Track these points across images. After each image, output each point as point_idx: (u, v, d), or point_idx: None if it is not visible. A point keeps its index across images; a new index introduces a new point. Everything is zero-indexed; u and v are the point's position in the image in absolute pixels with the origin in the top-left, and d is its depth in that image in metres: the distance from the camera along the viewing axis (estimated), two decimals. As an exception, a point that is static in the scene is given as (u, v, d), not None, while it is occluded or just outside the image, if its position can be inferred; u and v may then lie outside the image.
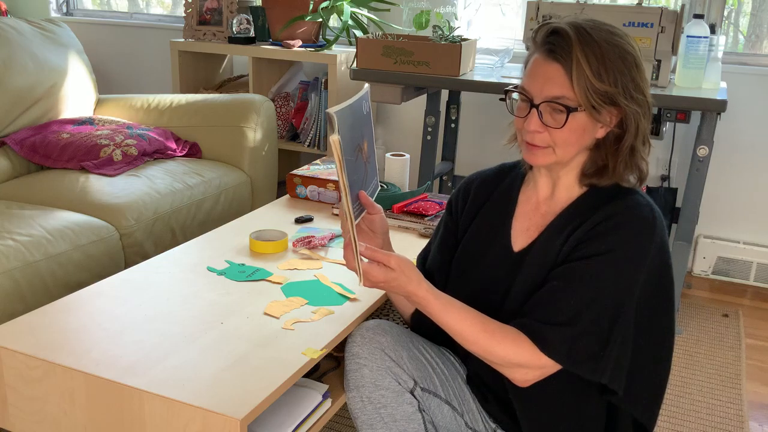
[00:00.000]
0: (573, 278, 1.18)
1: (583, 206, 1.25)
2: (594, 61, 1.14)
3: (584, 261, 1.18)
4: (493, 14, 3.15)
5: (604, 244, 1.17)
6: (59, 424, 1.30)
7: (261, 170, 2.77)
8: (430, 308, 1.22)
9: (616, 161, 1.22)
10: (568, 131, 1.18)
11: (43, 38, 2.75)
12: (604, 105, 1.16)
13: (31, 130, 2.60)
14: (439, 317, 1.22)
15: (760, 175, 2.81)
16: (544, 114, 1.18)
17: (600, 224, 1.20)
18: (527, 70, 1.22)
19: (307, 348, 1.33)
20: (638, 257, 1.17)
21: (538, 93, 1.18)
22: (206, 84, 3.40)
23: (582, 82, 1.14)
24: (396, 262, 1.19)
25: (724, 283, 2.91)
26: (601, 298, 1.16)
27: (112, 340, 1.33)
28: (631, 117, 1.19)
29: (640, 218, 1.19)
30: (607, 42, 1.16)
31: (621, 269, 1.16)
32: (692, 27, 2.46)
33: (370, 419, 1.27)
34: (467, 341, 1.21)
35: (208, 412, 1.14)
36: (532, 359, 1.17)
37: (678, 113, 2.46)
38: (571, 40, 1.14)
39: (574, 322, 1.16)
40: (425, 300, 1.22)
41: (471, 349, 1.22)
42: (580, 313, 1.16)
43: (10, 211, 2.09)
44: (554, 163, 1.23)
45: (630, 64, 1.17)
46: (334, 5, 2.95)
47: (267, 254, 1.75)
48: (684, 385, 2.21)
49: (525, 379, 1.20)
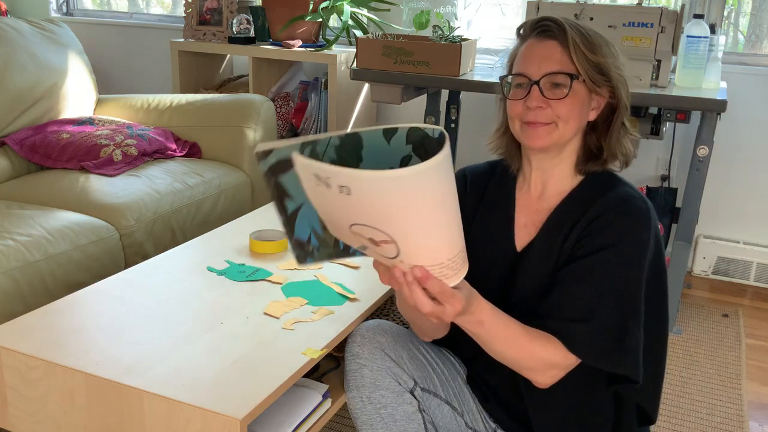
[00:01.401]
0: (584, 275, 1.19)
1: (578, 200, 1.26)
2: (585, 39, 1.22)
3: (591, 256, 1.19)
4: (493, 14, 3.15)
5: (607, 236, 1.19)
6: (59, 424, 1.30)
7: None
8: (483, 326, 1.13)
9: (609, 141, 1.26)
10: (570, 102, 1.20)
11: (43, 38, 2.75)
12: (598, 76, 1.21)
13: (31, 130, 2.60)
14: (487, 328, 1.13)
15: (760, 175, 2.81)
16: (545, 89, 1.21)
17: (599, 218, 1.21)
18: (520, 55, 1.25)
19: (307, 348, 1.33)
20: (641, 246, 1.19)
21: (536, 71, 1.21)
22: (206, 84, 3.40)
23: (579, 53, 1.20)
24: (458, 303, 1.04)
25: (724, 283, 2.91)
26: (614, 290, 1.17)
27: (112, 340, 1.33)
28: (621, 90, 1.24)
29: (636, 208, 1.21)
30: (590, 29, 1.25)
31: (628, 259, 1.18)
32: (692, 27, 2.46)
33: (370, 419, 1.27)
34: (508, 346, 1.14)
35: (208, 412, 1.14)
36: (564, 359, 1.16)
37: (678, 113, 2.46)
38: (562, 23, 1.21)
39: (593, 318, 1.16)
40: (479, 321, 1.12)
41: (509, 354, 1.15)
42: (597, 308, 1.16)
43: (10, 211, 2.08)
44: (555, 143, 1.23)
45: (612, 48, 1.25)
46: (334, 5, 2.94)
47: (267, 254, 1.75)
48: (684, 385, 2.21)
49: (553, 380, 1.18)
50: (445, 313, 1.02)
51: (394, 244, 0.91)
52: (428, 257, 0.94)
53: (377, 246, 0.93)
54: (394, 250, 0.93)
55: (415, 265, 0.96)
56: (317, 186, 0.85)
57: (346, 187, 0.82)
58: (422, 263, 0.95)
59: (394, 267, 0.98)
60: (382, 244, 0.92)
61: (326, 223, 0.96)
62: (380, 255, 0.96)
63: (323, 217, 0.95)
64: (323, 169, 0.81)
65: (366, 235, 0.91)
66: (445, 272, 0.97)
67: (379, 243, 0.92)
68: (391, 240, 0.90)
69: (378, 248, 0.94)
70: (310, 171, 0.84)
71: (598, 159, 1.27)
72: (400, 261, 0.95)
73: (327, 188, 0.84)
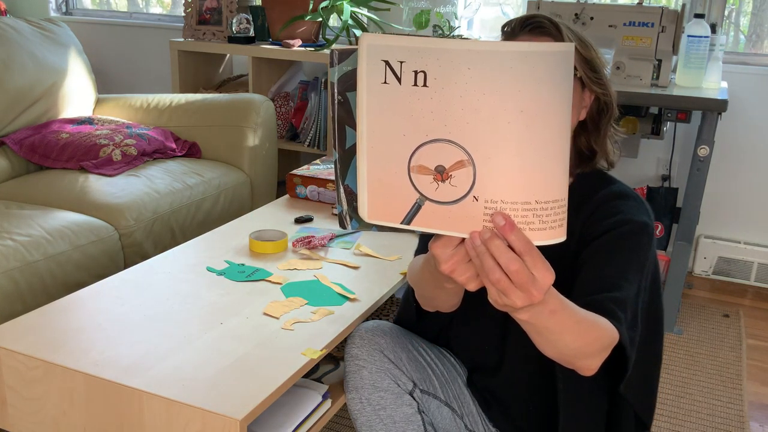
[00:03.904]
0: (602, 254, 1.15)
1: (576, 196, 1.25)
2: (575, 37, 1.20)
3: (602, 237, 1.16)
4: (493, 14, 3.14)
5: (611, 221, 1.17)
6: (58, 425, 1.29)
7: (261, 170, 2.76)
8: (555, 315, 0.90)
9: (598, 141, 1.24)
10: None
11: (43, 38, 2.74)
12: (590, 72, 1.20)
13: (31, 129, 2.59)
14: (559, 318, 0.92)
15: (761, 175, 2.80)
16: None
17: (598, 209, 1.19)
18: None
19: (307, 348, 1.32)
20: (646, 230, 1.17)
21: None
22: (206, 84, 3.40)
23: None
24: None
25: (724, 284, 2.91)
26: (630, 268, 1.14)
27: (111, 340, 1.33)
28: (610, 86, 1.22)
29: (633, 200, 1.21)
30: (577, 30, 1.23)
31: (637, 240, 1.16)
32: (693, 26, 2.46)
33: (370, 421, 1.27)
34: (577, 335, 0.96)
35: (208, 413, 1.13)
36: (613, 337, 1.03)
37: (678, 113, 2.46)
38: (554, 20, 1.19)
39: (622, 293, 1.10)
40: (551, 311, 0.89)
41: (575, 344, 0.97)
42: (621, 284, 1.11)
43: (10, 211, 2.08)
44: None
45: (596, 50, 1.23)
46: (334, 5, 2.94)
47: (267, 254, 1.75)
48: (684, 385, 2.21)
49: (600, 363, 1.03)
50: (535, 284, 0.79)
51: (470, 167, 0.71)
52: (514, 189, 0.72)
53: (447, 180, 0.73)
54: (469, 180, 0.72)
55: (496, 213, 0.73)
56: (382, 84, 0.69)
57: (423, 72, 0.66)
58: (503, 198, 0.73)
59: (469, 236, 0.77)
60: (454, 171, 0.72)
61: (378, 169, 0.75)
62: (444, 204, 0.75)
63: (375, 153, 0.74)
64: (400, 46, 0.66)
65: (432, 164, 0.73)
66: (529, 219, 0.74)
67: (448, 173, 0.73)
68: (467, 160, 0.71)
69: (444, 187, 0.74)
70: (378, 55, 0.67)
71: (591, 160, 1.26)
72: (473, 199, 0.74)
73: (396, 83, 0.69)
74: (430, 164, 0.73)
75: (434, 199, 0.76)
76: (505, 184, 0.72)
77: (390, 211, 0.78)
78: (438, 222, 0.77)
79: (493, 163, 0.70)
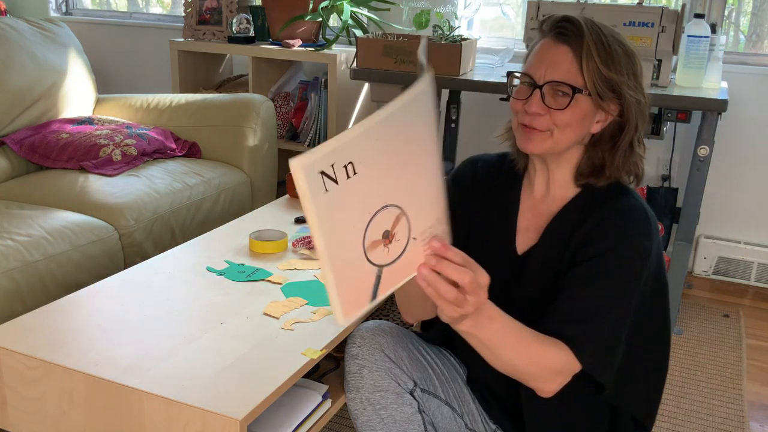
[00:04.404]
0: (584, 280, 1.16)
1: (580, 206, 1.24)
2: (602, 50, 1.15)
3: (592, 261, 1.16)
4: (493, 14, 3.14)
5: (608, 242, 1.16)
6: (58, 425, 1.29)
7: (261, 170, 2.76)
8: (493, 323, 1.03)
9: (613, 158, 1.21)
10: (570, 114, 1.16)
11: (43, 38, 2.74)
12: (607, 92, 1.16)
13: (31, 129, 2.59)
14: (497, 327, 1.05)
15: (761, 175, 2.80)
16: (547, 96, 1.17)
17: (600, 225, 1.19)
18: (533, 54, 1.20)
19: (307, 348, 1.32)
20: (643, 255, 1.16)
21: (542, 75, 1.17)
22: (206, 84, 3.40)
23: (591, 65, 1.14)
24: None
25: (724, 284, 2.91)
26: (613, 295, 1.15)
27: (111, 340, 1.33)
28: (632, 109, 1.19)
29: (636, 218, 1.19)
30: (614, 37, 1.18)
31: (628, 266, 1.16)
32: (693, 26, 2.46)
33: (370, 420, 1.27)
34: (518, 352, 1.07)
35: (208, 413, 1.13)
36: (571, 364, 1.11)
37: (678, 113, 2.46)
38: (582, 27, 1.15)
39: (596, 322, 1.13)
40: (489, 317, 1.03)
41: (518, 361, 1.08)
42: (599, 313, 1.14)
43: (10, 211, 2.08)
44: (548, 151, 1.21)
45: (633, 61, 1.19)
46: (334, 5, 2.94)
47: (267, 254, 1.74)
48: (684, 385, 2.21)
49: (558, 387, 1.13)
50: (481, 286, 0.93)
51: (404, 216, 0.83)
52: (429, 211, 0.86)
53: (393, 240, 0.84)
54: (406, 228, 0.84)
55: (430, 239, 0.86)
56: (324, 194, 0.76)
57: (351, 164, 0.75)
58: (427, 224, 0.86)
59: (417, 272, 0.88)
60: (396, 228, 0.83)
61: (342, 269, 0.82)
62: (397, 260, 0.86)
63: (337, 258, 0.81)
64: (326, 153, 0.74)
65: (380, 230, 0.82)
66: (445, 231, 0.89)
67: (392, 232, 0.83)
68: (401, 213, 0.82)
69: (393, 246, 0.84)
70: (314, 170, 0.74)
71: (601, 174, 1.23)
72: (413, 240, 0.86)
73: (334, 186, 0.76)
74: (378, 236, 0.82)
75: (389, 262, 0.86)
76: (423, 213, 0.85)
77: (359, 298, 0.85)
78: (395, 278, 0.87)
79: (414, 200, 0.83)
